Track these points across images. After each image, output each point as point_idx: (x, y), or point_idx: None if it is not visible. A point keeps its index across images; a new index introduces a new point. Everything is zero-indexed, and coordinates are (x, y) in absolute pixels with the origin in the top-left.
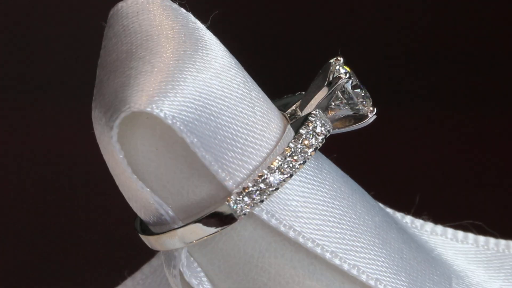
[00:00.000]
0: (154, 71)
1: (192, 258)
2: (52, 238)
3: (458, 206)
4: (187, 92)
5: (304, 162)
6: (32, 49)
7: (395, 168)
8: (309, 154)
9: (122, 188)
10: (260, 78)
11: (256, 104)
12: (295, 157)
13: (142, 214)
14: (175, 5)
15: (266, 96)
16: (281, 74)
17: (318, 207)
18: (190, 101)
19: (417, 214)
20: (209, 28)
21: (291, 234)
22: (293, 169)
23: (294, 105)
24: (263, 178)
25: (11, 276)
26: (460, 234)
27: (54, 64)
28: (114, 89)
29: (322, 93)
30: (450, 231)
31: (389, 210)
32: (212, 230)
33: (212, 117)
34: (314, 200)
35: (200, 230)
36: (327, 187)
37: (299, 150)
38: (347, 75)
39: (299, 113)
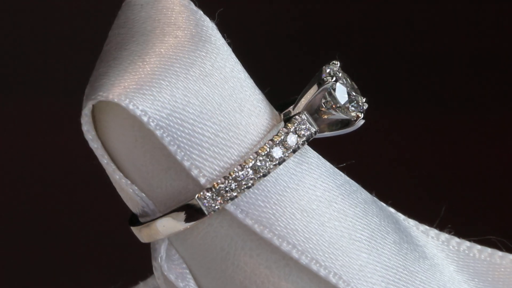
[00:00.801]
0: (135, 64)
1: (177, 254)
2: (56, 238)
3: (484, 219)
4: (164, 87)
5: (280, 163)
6: (31, 48)
7: (421, 176)
8: (286, 155)
9: (110, 178)
10: (266, 78)
11: (245, 104)
12: (270, 157)
13: (130, 205)
14: (186, 1)
15: (260, 96)
16: (289, 75)
17: (298, 211)
18: (166, 96)
19: (441, 226)
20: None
21: (266, 235)
22: (267, 169)
23: (291, 106)
24: (234, 175)
25: (12, 276)
26: (487, 251)
27: (53, 62)
28: (95, 78)
29: (308, 95)
30: (477, 247)
31: (411, 221)
32: (183, 224)
33: (189, 114)
34: (295, 204)
35: (172, 224)
36: (314, 192)
37: (280, 150)
38: (333, 79)
39: (292, 114)
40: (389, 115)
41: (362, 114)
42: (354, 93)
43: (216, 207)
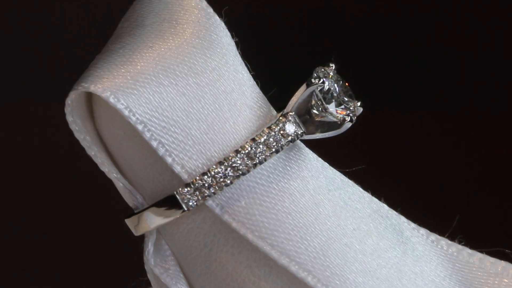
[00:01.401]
0: (123, 57)
1: (169, 250)
2: (56, 239)
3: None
4: (149, 82)
5: (261, 163)
6: (32, 48)
7: (434, 183)
8: (267, 154)
9: None
10: (273, 78)
11: (235, 103)
12: (250, 156)
13: (125, 198)
14: None
15: (257, 96)
16: (296, 74)
17: (281, 213)
18: (150, 91)
19: (452, 235)
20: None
21: (246, 234)
22: (247, 168)
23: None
24: (212, 173)
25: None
26: (501, 264)
27: (53, 63)
28: (87, 69)
29: (295, 97)
30: (489, 259)
31: (422, 230)
32: (163, 219)
33: (174, 111)
34: (278, 205)
35: (153, 218)
36: (301, 194)
37: (258, 150)
38: (321, 81)
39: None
40: (402, 119)
41: (349, 117)
42: (345, 97)
43: (194, 202)
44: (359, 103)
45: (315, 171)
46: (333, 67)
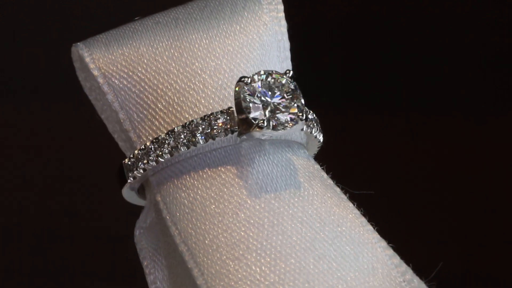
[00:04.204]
0: (130, 24)
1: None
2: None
3: None
4: (128, 55)
5: (186, 147)
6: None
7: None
8: (190, 143)
9: None
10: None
11: (206, 89)
12: (176, 140)
13: None
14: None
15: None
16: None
17: (196, 199)
18: (121, 62)
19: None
20: None
21: (165, 214)
22: (170, 151)
23: None
24: (144, 148)
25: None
26: None
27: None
28: None
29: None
30: None
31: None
32: (122, 188)
33: (143, 90)
34: (199, 192)
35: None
36: (221, 193)
37: (183, 136)
38: (247, 80)
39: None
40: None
41: (266, 122)
42: (281, 106)
43: (132, 174)
44: (304, 117)
45: (259, 181)
46: (288, 74)
